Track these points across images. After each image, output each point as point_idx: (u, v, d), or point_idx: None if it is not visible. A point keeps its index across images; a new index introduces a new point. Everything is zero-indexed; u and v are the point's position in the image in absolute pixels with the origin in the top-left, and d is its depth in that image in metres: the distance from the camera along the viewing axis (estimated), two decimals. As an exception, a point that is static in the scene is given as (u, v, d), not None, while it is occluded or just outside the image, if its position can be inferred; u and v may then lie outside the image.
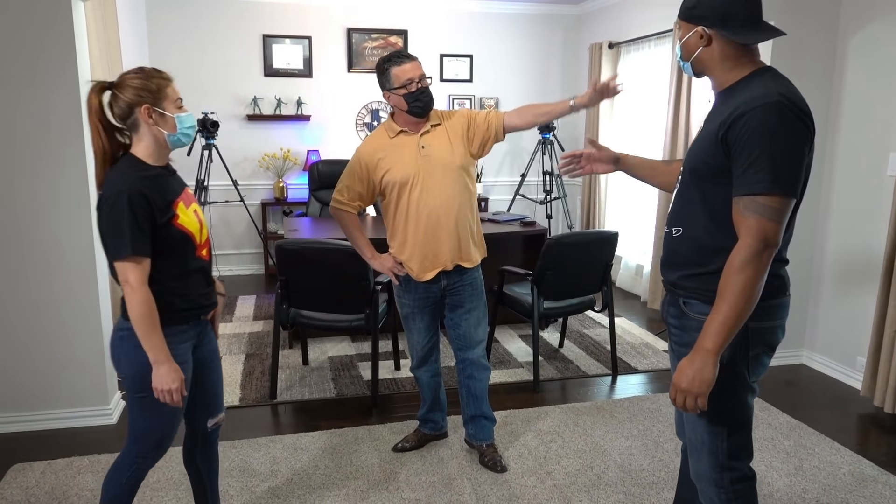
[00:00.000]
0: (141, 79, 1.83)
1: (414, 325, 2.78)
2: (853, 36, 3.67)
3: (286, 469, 2.82)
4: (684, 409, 1.60)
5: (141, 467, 1.98)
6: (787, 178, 1.50)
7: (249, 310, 5.13)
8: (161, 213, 1.81)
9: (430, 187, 2.55)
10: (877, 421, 3.34)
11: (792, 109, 1.51)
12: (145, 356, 1.81)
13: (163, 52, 5.84)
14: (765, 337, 1.67)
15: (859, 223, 3.68)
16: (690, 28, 1.66)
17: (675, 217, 1.74)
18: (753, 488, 1.74)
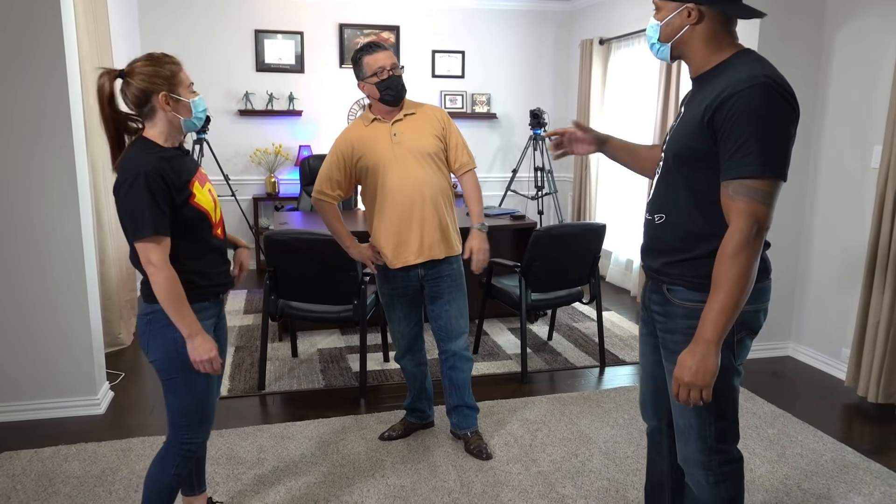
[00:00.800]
0: (153, 65, 1.85)
1: (394, 314, 2.81)
2: (839, 30, 3.70)
3: (273, 457, 2.83)
4: (687, 403, 1.56)
5: (187, 455, 2.00)
6: (776, 160, 1.48)
7: (240, 304, 5.14)
8: (178, 193, 1.83)
9: (401, 173, 2.60)
10: (860, 410, 3.37)
11: (778, 91, 1.48)
12: (173, 337, 1.85)
13: (154, 46, 5.84)
14: (748, 321, 1.66)
15: (844, 216, 3.72)
16: (676, 7, 1.60)
17: (658, 203, 1.71)
18: (741, 470, 1.75)
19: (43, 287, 3.11)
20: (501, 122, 6.77)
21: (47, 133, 3.01)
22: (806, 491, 2.60)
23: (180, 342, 1.88)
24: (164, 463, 2.00)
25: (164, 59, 1.88)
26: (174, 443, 2.00)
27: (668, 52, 1.68)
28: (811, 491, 2.60)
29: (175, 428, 1.99)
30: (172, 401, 1.96)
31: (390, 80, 2.56)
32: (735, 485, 1.74)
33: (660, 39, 1.67)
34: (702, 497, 1.76)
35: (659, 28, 1.65)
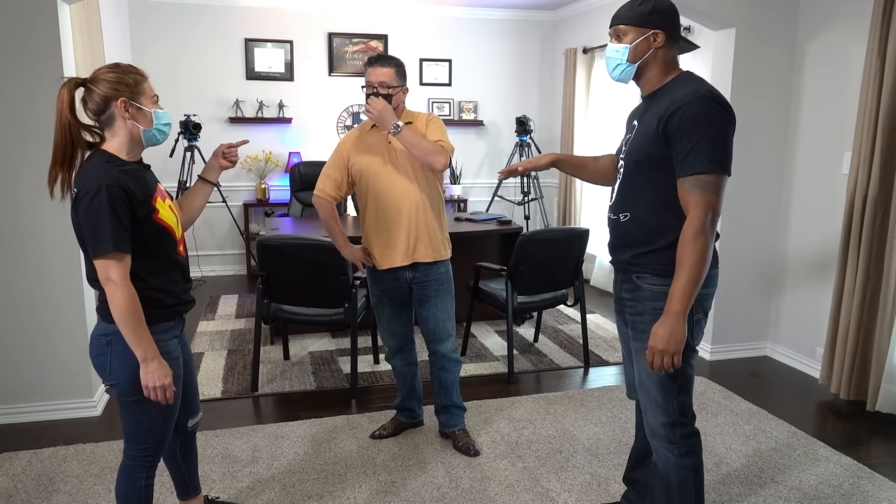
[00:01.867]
0: (116, 73, 1.82)
1: (383, 314, 2.91)
2: (810, 42, 3.86)
3: (267, 455, 2.92)
4: (661, 368, 1.80)
5: (152, 465, 1.98)
6: (721, 157, 1.76)
7: (232, 308, 5.21)
8: (140, 208, 1.79)
9: (391, 178, 2.72)
10: (833, 407, 3.51)
11: (718, 101, 1.78)
12: (136, 359, 1.80)
13: (145, 55, 5.92)
14: (703, 303, 1.92)
15: (817, 219, 3.86)
16: (643, 32, 1.87)
17: (622, 204, 1.98)
18: (699, 443, 2.00)
19: (40, 292, 3.18)
20: (488, 129, 6.90)
21: (45, 140, 3.08)
22: (779, 483, 2.72)
23: None
24: (132, 478, 1.95)
25: (129, 68, 1.85)
26: (135, 458, 1.95)
27: (633, 72, 1.92)
28: (784, 483, 2.72)
29: (137, 444, 1.93)
30: (135, 420, 1.90)
31: (368, 97, 2.65)
32: (696, 455, 1.98)
33: (628, 60, 1.89)
34: (668, 470, 1.98)
35: (628, 50, 1.89)
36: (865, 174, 3.29)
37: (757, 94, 3.96)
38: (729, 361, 4.14)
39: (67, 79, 1.83)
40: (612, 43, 1.92)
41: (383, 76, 2.67)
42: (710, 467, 2.85)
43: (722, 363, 4.11)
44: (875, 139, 3.24)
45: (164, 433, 1.96)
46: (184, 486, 2.30)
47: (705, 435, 3.13)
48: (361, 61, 6.44)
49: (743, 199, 4.05)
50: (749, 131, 3.99)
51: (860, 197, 3.31)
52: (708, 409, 3.43)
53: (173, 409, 1.96)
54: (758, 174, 4.05)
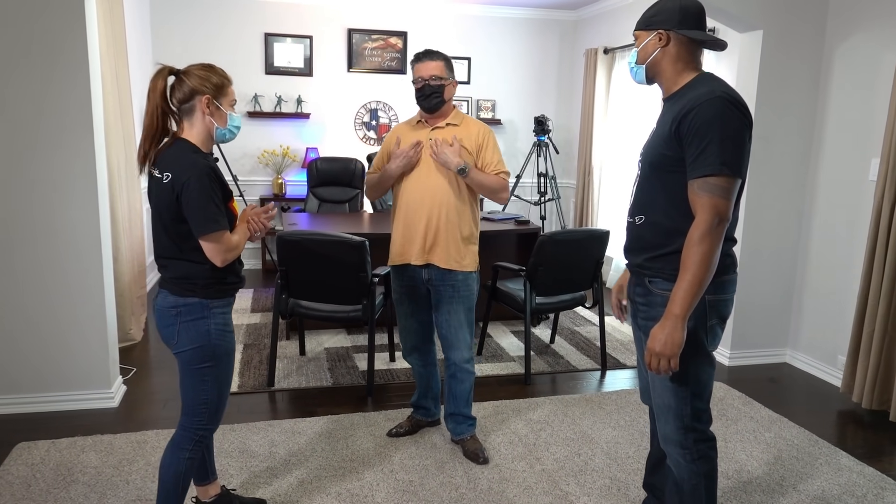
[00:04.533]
0: (208, 71, 2.01)
1: (401, 310, 2.91)
2: (839, 45, 3.80)
3: (284, 451, 2.91)
4: (658, 371, 1.78)
5: (201, 440, 2.09)
6: (732, 160, 1.72)
7: (247, 303, 5.22)
8: (225, 195, 1.99)
9: (423, 175, 2.72)
10: (855, 416, 3.46)
11: (733, 103, 1.74)
12: (205, 329, 1.99)
13: (166, 47, 5.94)
14: (719, 309, 1.89)
15: (842, 226, 3.81)
16: (649, 34, 1.90)
17: (638, 207, 1.97)
18: (714, 448, 1.97)
19: (62, 284, 3.19)
20: (506, 129, 6.87)
21: (69, 135, 3.09)
22: (801, 492, 2.69)
23: (213, 334, 1.99)
24: (179, 448, 2.08)
25: (219, 71, 2.05)
26: (188, 429, 2.08)
27: (644, 74, 1.94)
28: (806, 492, 2.68)
29: (191, 415, 2.08)
30: (195, 390, 2.05)
31: (423, 90, 2.70)
32: (709, 461, 1.95)
33: (637, 62, 1.94)
34: (680, 475, 1.96)
35: (636, 52, 1.94)
36: (894, 181, 3.24)
37: (783, 97, 3.91)
38: (748, 367, 4.10)
39: (161, 66, 2.02)
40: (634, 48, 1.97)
41: (434, 69, 2.69)
42: (730, 474, 2.82)
43: (740, 369, 4.07)
44: (905, 145, 3.18)
45: (218, 408, 2.09)
46: (202, 469, 2.33)
47: (725, 441, 3.10)
48: (381, 58, 6.43)
49: (766, 204, 4.01)
50: (774, 135, 3.94)
51: (888, 203, 3.26)
52: (727, 415, 3.39)
53: (229, 381, 2.11)
54: (782, 178, 4.00)
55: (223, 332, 2.04)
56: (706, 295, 1.83)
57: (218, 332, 2.02)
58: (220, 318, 2.03)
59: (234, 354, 2.11)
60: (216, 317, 2.02)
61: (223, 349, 2.05)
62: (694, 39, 1.86)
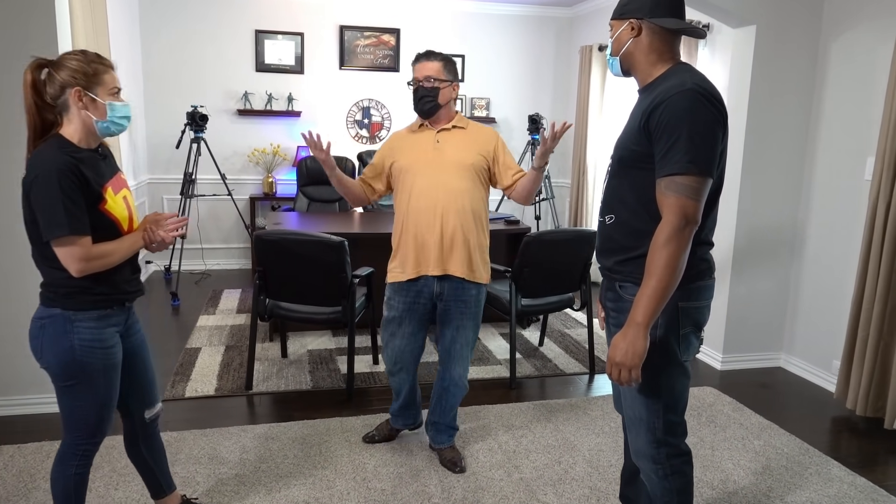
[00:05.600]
0: (79, 61, 1.81)
1: (399, 330, 2.69)
2: (835, 40, 3.69)
3: (255, 458, 2.83)
4: (620, 382, 1.68)
5: (86, 455, 1.97)
6: (702, 158, 1.61)
7: (234, 303, 5.14)
8: (90, 195, 1.80)
9: (435, 178, 2.54)
10: (849, 424, 3.35)
11: (705, 96, 1.63)
12: (68, 344, 1.83)
13: (155, 44, 5.87)
14: (693, 316, 1.77)
15: (838, 227, 3.70)
16: (622, 23, 1.80)
17: (607, 205, 1.85)
18: (689, 463, 1.86)
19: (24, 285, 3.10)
20: (500, 127, 6.77)
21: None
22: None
23: (77, 349, 1.84)
24: (64, 464, 1.95)
25: (94, 57, 1.84)
26: (70, 445, 1.95)
27: (619, 65, 1.84)
28: (794, 504, 2.59)
29: (71, 431, 1.94)
30: (69, 406, 1.91)
31: (417, 92, 2.57)
32: (683, 477, 1.84)
33: (611, 53, 1.85)
34: (653, 490, 1.87)
35: (611, 43, 1.84)
36: (889, 180, 3.13)
37: (777, 94, 3.80)
38: (740, 372, 3.99)
39: (33, 58, 1.84)
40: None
41: (430, 70, 2.55)
42: (715, 484, 2.71)
43: (733, 373, 3.96)
44: (900, 144, 3.08)
45: (99, 422, 1.95)
46: (156, 485, 2.24)
47: (713, 449, 3.00)
48: (373, 55, 6.35)
49: (760, 204, 3.90)
50: (768, 134, 3.83)
51: (883, 204, 3.15)
52: (716, 421, 3.28)
53: (108, 398, 1.95)
54: (777, 178, 3.89)
55: (90, 349, 1.86)
56: (679, 302, 1.73)
57: (83, 348, 1.85)
58: (86, 334, 1.85)
59: (116, 370, 1.95)
60: (81, 332, 1.84)
61: (93, 367, 1.88)
62: (667, 28, 1.76)
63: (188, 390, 3.49)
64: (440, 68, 2.56)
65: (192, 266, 6.17)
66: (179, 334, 4.39)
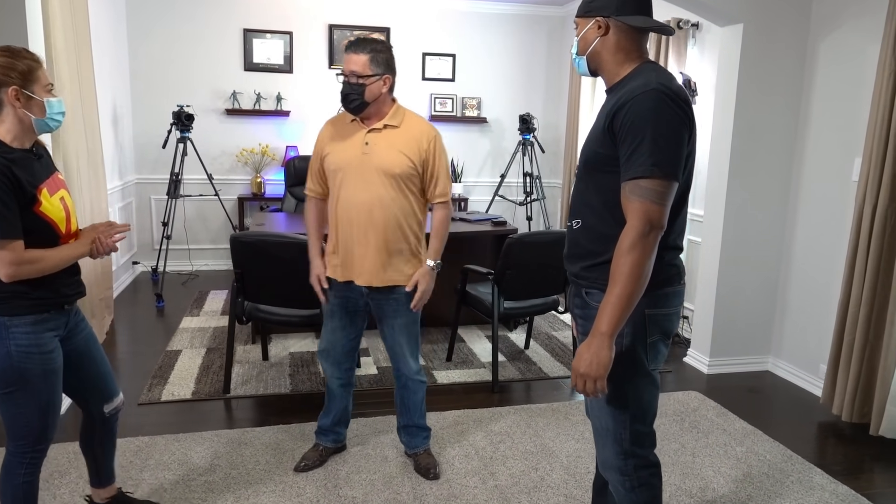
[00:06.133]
0: (9, 58, 1.76)
1: (331, 323, 2.65)
2: (824, 39, 3.63)
3: (226, 463, 2.78)
4: (585, 393, 1.63)
5: (32, 463, 1.93)
6: (666, 161, 1.56)
7: (219, 304, 5.09)
8: (23, 196, 1.76)
9: (358, 188, 2.45)
10: (836, 430, 3.29)
11: (670, 96, 1.57)
12: (4, 350, 1.80)
13: (142, 43, 5.82)
14: (660, 323, 1.72)
15: (825, 228, 3.64)
16: (588, 21, 1.73)
17: (574, 210, 1.80)
18: (656, 475, 1.80)
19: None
20: (492, 127, 6.71)
21: None
22: (768, 512, 2.53)
23: (14, 355, 1.81)
24: (11, 474, 1.92)
25: (23, 53, 1.79)
26: (15, 454, 1.91)
27: (586, 65, 1.77)
28: (773, 513, 2.53)
29: (15, 439, 1.90)
30: (10, 413, 1.87)
31: (343, 87, 2.42)
32: (651, 489, 1.79)
33: (577, 53, 1.77)
34: (620, 502, 1.81)
35: (577, 42, 1.76)
36: (876, 182, 3.07)
37: (764, 94, 3.74)
38: (727, 376, 3.93)
39: None
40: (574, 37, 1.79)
41: (354, 64, 2.39)
42: (694, 492, 2.66)
43: (720, 377, 3.91)
44: (887, 144, 3.02)
45: (44, 429, 1.92)
46: (96, 474, 2.24)
47: (693, 456, 2.94)
48: (363, 54, 6.28)
49: (748, 205, 3.84)
50: (755, 134, 3.77)
51: (869, 206, 3.10)
52: (699, 427, 3.23)
53: (50, 404, 1.91)
54: (763, 179, 3.83)
55: (27, 355, 1.82)
56: (646, 309, 1.67)
57: (20, 354, 1.81)
58: (23, 339, 1.81)
59: (57, 374, 1.91)
60: (17, 337, 1.80)
61: (32, 372, 1.84)
62: (634, 26, 1.70)
63: (164, 394, 3.44)
64: (366, 62, 2.38)
65: (180, 267, 6.12)
66: (161, 336, 4.35)
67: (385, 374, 3.79)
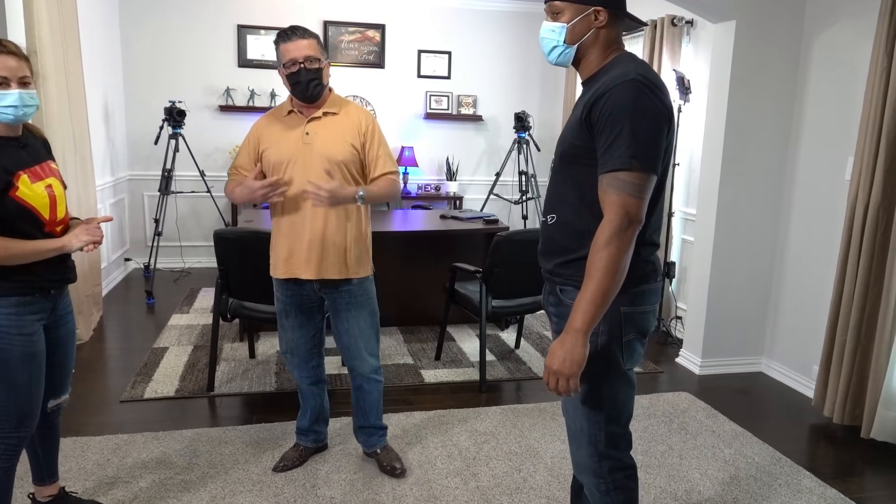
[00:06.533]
0: None
1: (287, 323, 2.59)
2: (818, 36, 3.58)
3: (205, 462, 2.74)
4: (557, 391, 1.58)
5: (9, 450, 1.92)
6: (645, 153, 1.51)
7: (209, 302, 5.04)
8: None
9: (303, 176, 2.37)
10: (826, 432, 3.24)
11: (649, 87, 1.52)
12: None
13: (135, 38, 5.79)
14: (637, 322, 1.67)
15: (818, 227, 3.59)
16: (581, 10, 1.62)
17: (549, 204, 1.74)
18: (632, 477, 1.76)
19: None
20: (488, 125, 6.67)
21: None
22: (754, 516, 2.48)
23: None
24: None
25: None
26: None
27: (572, 55, 1.67)
28: (759, 516, 2.48)
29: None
30: None
31: (299, 74, 2.35)
32: (627, 492, 1.75)
33: (565, 41, 1.65)
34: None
35: (565, 30, 1.64)
36: (868, 181, 3.02)
37: (757, 92, 3.69)
38: (719, 377, 3.88)
39: None
40: (547, 21, 1.66)
41: (308, 49, 2.33)
42: (679, 495, 2.61)
43: (711, 378, 3.86)
44: (879, 143, 2.97)
45: (22, 415, 1.92)
46: (39, 472, 2.22)
47: (680, 458, 2.89)
48: (358, 51, 6.25)
49: (740, 203, 3.79)
50: (747, 132, 3.72)
51: (861, 206, 3.04)
52: (688, 428, 3.18)
53: (29, 389, 1.92)
54: (756, 178, 3.78)
55: (7, 335, 1.86)
56: (622, 307, 1.62)
57: (1, 334, 1.85)
58: (4, 320, 1.85)
59: (37, 359, 1.93)
60: (0, 318, 1.85)
61: (12, 354, 1.87)
62: (621, 18, 1.64)
63: (147, 391, 3.41)
64: (316, 45, 2.36)
65: (172, 264, 6.09)
66: (149, 333, 4.31)
67: (372, 373, 3.74)
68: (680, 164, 4.57)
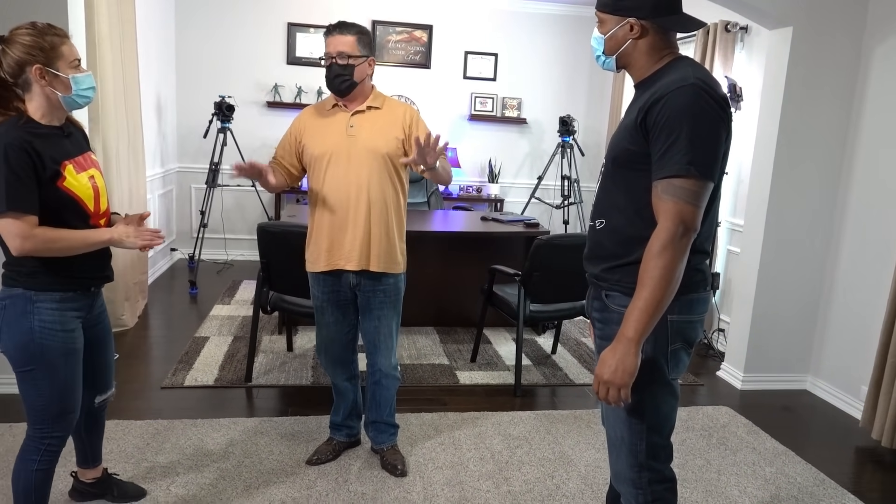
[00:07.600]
0: (32, 35, 1.75)
1: (323, 320, 2.61)
2: (880, 44, 3.45)
3: (240, 451, 2.78)
4: (607, 401, 1.55)
5: (49, 450, 1.93)
6: (703, 160, 1.48)
7: (250, 294, 5.12)
8: (45, 171, 1.76)
9: (347, 168, 2.41)
10: (874, 455, 3.12)
11: (708, 92, 1.50)
12: (29, 326, 1.80)
13: (188, 35, 5.93)
14: (684, 331, 1.64)
15: (873, 242, 3.46)
16: (618, 21, 1.61)
17: (599, 209, 1.71)
18: (671, 490, 1.72)
19: None
20: (532, 128, 6.63)
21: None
22: (794, 538, 2.40)
23: (37, 331, 1.81)
24: (26, 459, 1.92)
25: (46, 29, 1.78)
26: (33, 438, 1.91)
27: (614, 64, 1.67)
28: (800, 538, 2.40)
29: (34, 423, 1.91)
30: (29, 393, 1.88)
31: (330, 69, 2.40)
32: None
33: (604, 52, 1.67)
34: None
35: (603, 41, 1.66)
36: (928, 196, 2.89)
37: (812, 100, 3.58)
38: (762, 393, 3.78)
39: None
40: (595, 30, 1.67)
41: (342, 45, 2.38)
42: (716, 512, 2.55)
43: (754, 394, 3.75)
44: (942, 156, 2.84)
45: (62, 413, 1.91)
46: (84, 456, 2.28)
47: (719, 473, 2.82)
48: (405, 51, 6.28)
49: (790, 216, 3.68)
50: (802, 142, 3.61)
51: (920, 221, 2.92)
52: (728, 444, 3.10)
53: (69, 386, 1.91)
54: (808, 190, 3.67)
55: (50, 332, 1.84)
56: (669, 315, 1.58)
57: (43, 330, 1.82)
58: (47, 315, 1.83)
59: (77, 356, 1.93)
60: (42, 312, 1.82)
61: (54, 350, 1.85)
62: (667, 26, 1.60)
63: (188, 379, 3.48)
64: (354, 42, 2.38)
65: (216, 256, 6.21)
66: (191, 323, 4.40)
67: (406, 370, 3.75)
68: (728, 174, 4.47)
